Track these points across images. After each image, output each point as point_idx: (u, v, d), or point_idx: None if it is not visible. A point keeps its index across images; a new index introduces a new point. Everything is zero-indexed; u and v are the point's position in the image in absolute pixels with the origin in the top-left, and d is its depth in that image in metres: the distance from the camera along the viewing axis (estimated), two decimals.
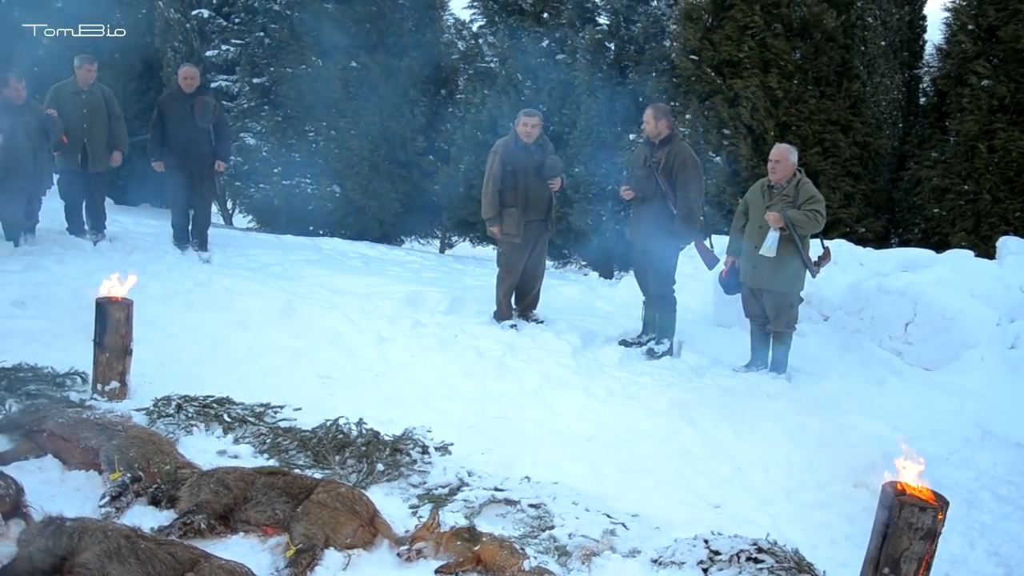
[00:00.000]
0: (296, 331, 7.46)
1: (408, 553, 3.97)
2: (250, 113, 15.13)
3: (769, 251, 7.09)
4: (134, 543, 3.47)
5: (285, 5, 15.06)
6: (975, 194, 11.68)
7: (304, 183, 14.88)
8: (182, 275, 8.68)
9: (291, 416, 5.53)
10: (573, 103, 13.78)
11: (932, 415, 6.77)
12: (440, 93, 15.83)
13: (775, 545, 4.11)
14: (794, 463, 5.72)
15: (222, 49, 15.60)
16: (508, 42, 14.55)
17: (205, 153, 9.88)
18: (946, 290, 8.02)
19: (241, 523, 4.09)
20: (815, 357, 7.88)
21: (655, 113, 7.63)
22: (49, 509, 3.78)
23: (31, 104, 8.93)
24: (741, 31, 12.21)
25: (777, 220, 7.02)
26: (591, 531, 4.32)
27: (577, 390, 6.72)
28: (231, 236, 12.29)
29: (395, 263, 11.55)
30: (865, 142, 12.45)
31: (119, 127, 9.78)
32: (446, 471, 4.92)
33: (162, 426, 5.08)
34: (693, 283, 9.11)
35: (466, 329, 7.89)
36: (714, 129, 12.20)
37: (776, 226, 7.03)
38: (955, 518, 4.79)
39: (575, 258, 15.00)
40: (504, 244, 8.21)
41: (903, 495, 3.76)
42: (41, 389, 5.38)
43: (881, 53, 12.61)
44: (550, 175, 8.02)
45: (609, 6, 14.12)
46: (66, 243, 9.31)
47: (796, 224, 7.00)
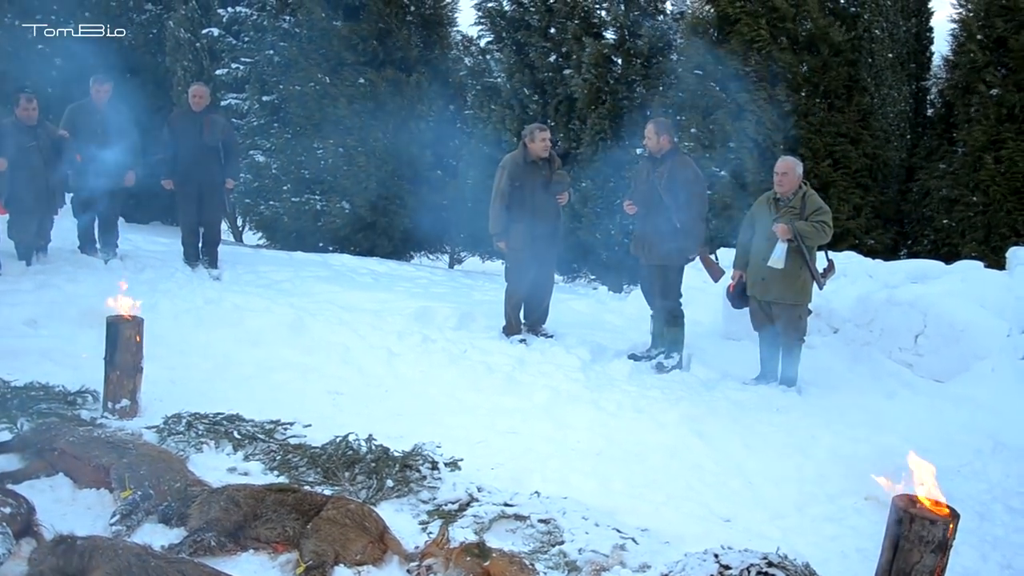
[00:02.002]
0: (306, 348, 7.49)
1: (418, 569, 3.96)
2: (259, 131, 15.24)
3: (777, 262, 7.10)
4: (145, 561, 3.48)
5: (294, 23, 15.18)
6: (984, 205, 11.65)
7: (313, 200, 14.95)
8: (192, 292, 8.73)
9: (301, 433, 5.53)
10: (579, 118, 13.82)
11: (943, 427, 6.74)
12: (448, 109, 15.91)
13: (786, 559, 4.08)
14: (805, 476, 5.70)
15: (231, 68, 15.76)
16: (515, 57, 14.62)
17: (215, 171, 9.94)
18: (956, 301, 7.99)
19: (251, 540, 4.09)
20: (825, 370, 7.86)
21: (656, 128, 7.66)
22: (60, 528, 3.79)
23: (44, 124, 9.02)
24: (747, 45, 12.24)
25: (785, 232, 7.03)
26: (601, 546, 4.31)
27: (587, 404, 6.71)
28: (241, 253, 12.34)
29: (404, 279, 11.57)
30: (874, 154, 12.45)
31: (133, 147, 9.83)
32: (456, 487, 4.91)
33: (172, 444, 5.09)
34: (702, 296, 9.11)
35: (476, 344, 7.90)
36: (719, 143, 12.22)
37: (784, 238, 7.05)
38: (967, 530, 4.77)
39: (584, 272, 15.01)
40: (511, 259, 8.23)
41: (913, 507, 3.74)
42: (52, 407, 5.40)
43: (888, 65, 12.62)
44: (557, 189, 8.05)
45: (615, 21, 14.18)
46: (78, 262, 9.38)
47: (804, 235, 7.01)
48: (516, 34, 14.83)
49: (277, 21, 15.44)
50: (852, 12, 12.47)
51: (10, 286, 8.05)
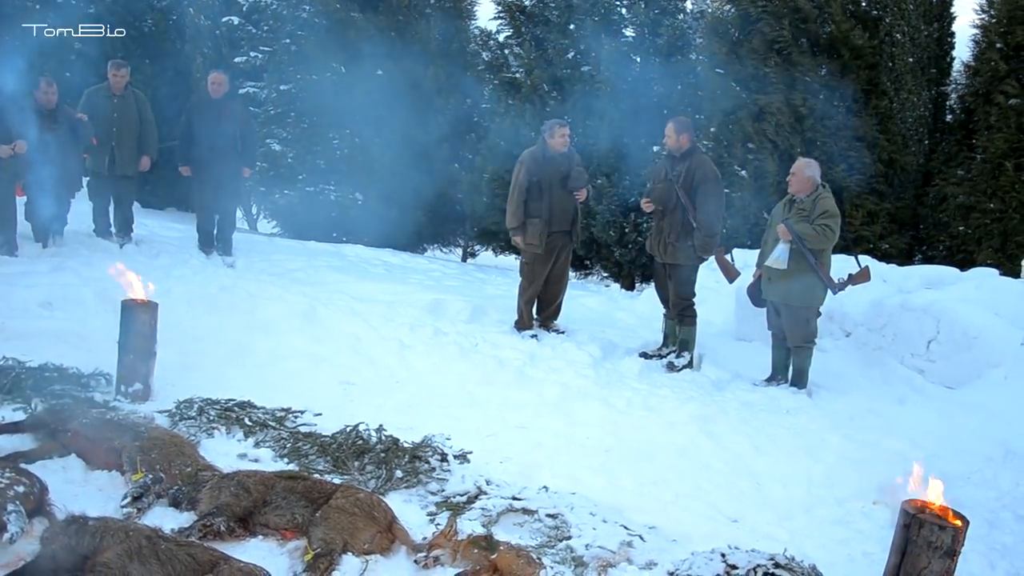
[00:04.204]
0: (318, 337, 7.50)
1: (425, 560, 3.98)
2: (276, 119, 15.28)
3: (777, 262, 7.11)
4: (155, 544, 3.50)
5: (312, 14, 15.20)
6: (1001, 212, 11.59)
7: (328, 190, 14.98)
8: (206, 279, 8.75)
9: (311, 421, 5.55)
10: (598, 115, 13.80)
11: (954, 434, 6.71)
12: (465, 103, 15.90)
13: (793, 561, 4.08)
14: (813, 479, 5.69)
15: (250, 56, 15.78)
16: (534, 53, 14.61)
17: (231, 159, 9.96)
18: (970, 308, 7.96)
19: (260, 526, 4.11)
20: (836, 373, 7.84)
21: (676, 127, 7.64)
22: (72, 508, 3.83)
23: (63, 108, 9.06)
24: (768, 46, 12.19)
25: (784, 233, 7.05)
26: (608, 542, 4.31)
27: (596, 401, 6.71)
28: (255, 241, 12.37)
29: (417, 271, 11.59)
30: (891, 159, 12.39)
31: (150, 132, 9.88)
32: (464, 479, 4.92)
33: (184, 428, 5.11)
34: (714, 296, 9.09)
35: (487, 338, 7.90)
36: (739, 143, 12.18)
37: (784, 239, 7.05)
38: (975, 538, 4.75)
39: (596, 269, 15.01)
40: (527, 254, 8.24)
41: (922, 513, 3.74)
42: (66, 389, 5.43)
43: (909, 70, 12.56)
44: (575, 186, 8.04)
45: (635, 18, 14.16)
46: (93, 245, 9.42)
47: (804, 237, 7.00)
48: (535, 29, 14.83)
49: (296, 11, 15.48)
50: (874, 16, 12.41)
51: (26, 267, 8.09)
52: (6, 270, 7.90)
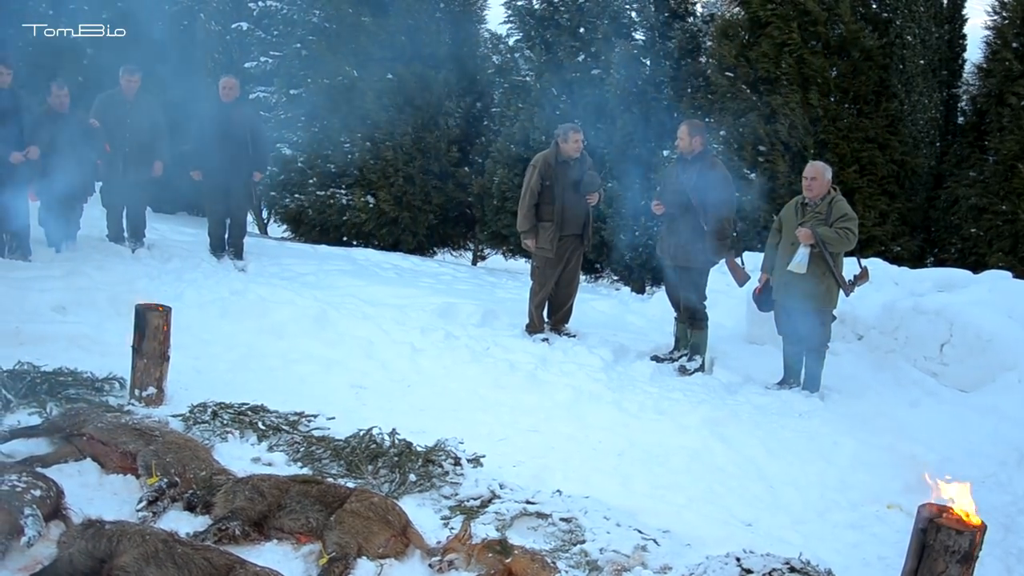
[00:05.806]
0: (330, 341, 7.52)
1: (440, 564, 3.98)
2: (286, 124, 15.30)
3: (798, 267, 7.08)
4: (171, 547, 3.51)
5: (323, 18, 15.23)
6: (1013, 214, 11.52)
7: (339, 194, 15.00)
8: (218, 283, 8.79)
9: (324, 425, 5.55)
10: (608, 118, 13.79)
11: (968, 437, 6.69)
12: (475, 106, 15.92)
13: (808, 565, 4.07)
14: (827, 482, 5.68)
15: (260, 60, 15.82)
16: (544, 56, 14.62)
17: (243, 163, 9.99)
18: (983, 311, 7.92)
19: (275, 530, 4.12)
20: (849, 376, 7.81)
21: (690, 129, 7.63)
22: (88, 512, 3.85)
23: (75, 112, 9.09)
24: (778, 48, 12.18)
25: (807, 237, 7.00)
26: (622, 546, 4.31)
27: (608, 405, 6.71)
28: (266, 245, 12.41)
29: (428, 275, 11.61)
30: (902, 160, 12.35)
31: (162, 137, 9.91)
32: (478, 483, 4.92)
33: (198, 432, 5.12)
34: (726, 300, 9.08)
35: (498, 342, 7.91)
36: (749, 146, 12.16)
37: (806, 243, 7.02)
38: (992, 542, 4.72)
39: (607, 273, 14.99)
40: (538, 258, 8.24)
41: (939, 517, 3.72)
42: (80, 393, 5.46)
43: (920, 72, 12.51)
44: (587, 189, 8.04)
45: (645, 22, 14.16)
46: (106, 250, 9.48)
47: (827, 242, 6.97)
48: (545, 33, 14.83)
49: (306, 15, 15.52)
50: (884, 17, 12.37)
51: (40, 272, 8.13)
52: (20, 275, 7.93)
